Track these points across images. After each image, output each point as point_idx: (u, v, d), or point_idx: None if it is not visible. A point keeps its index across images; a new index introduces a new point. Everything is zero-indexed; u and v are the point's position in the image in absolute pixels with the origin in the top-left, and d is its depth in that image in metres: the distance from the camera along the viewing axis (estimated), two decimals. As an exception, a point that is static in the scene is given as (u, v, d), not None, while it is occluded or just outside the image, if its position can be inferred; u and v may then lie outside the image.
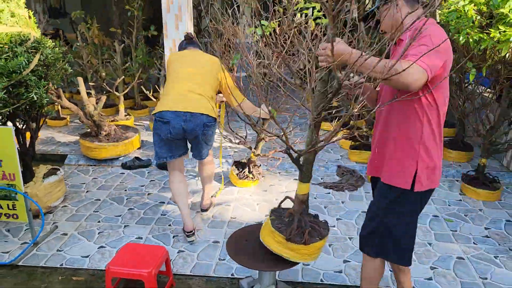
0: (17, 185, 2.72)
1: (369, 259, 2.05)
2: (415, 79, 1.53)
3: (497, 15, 2.85)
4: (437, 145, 1.81)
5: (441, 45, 1.55)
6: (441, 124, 1.79)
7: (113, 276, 2.25)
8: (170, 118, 2.69)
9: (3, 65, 2.64)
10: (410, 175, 1.82)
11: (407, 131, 1.80)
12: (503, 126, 3.60)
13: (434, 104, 1.74)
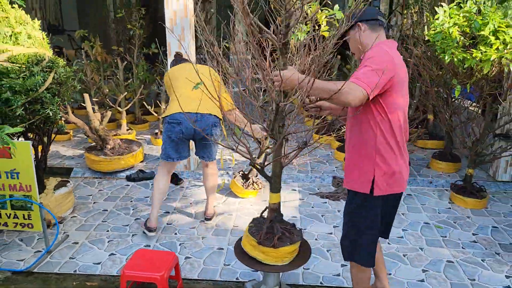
0: (33, 196, 2.88)
1: (352, 264, 2.25)
2: (353, 97, 1.74)
3: (479, 37, 3.09)
4: (395, 153, 2.00)
5: (383, 64, 1.79)
6: (397, 135, 1.98)
7: (127, 279, 2.40)
8: (182, 119, 2.94)
9: (21, 84, 2.82)
10: (368, 181, 2.02)
11: (364, 141, 2.02)
12: (488, 138, 3.83)
13: (386, 117, 1.95)
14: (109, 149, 4.35)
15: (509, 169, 4.19)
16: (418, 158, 4.94)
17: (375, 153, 1.99)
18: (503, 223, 3.53)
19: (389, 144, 1.98)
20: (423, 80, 4.15)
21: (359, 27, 2.04)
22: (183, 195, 4.00)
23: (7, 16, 2.97)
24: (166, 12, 3.93)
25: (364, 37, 2.04)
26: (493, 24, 2.97)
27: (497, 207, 3.82)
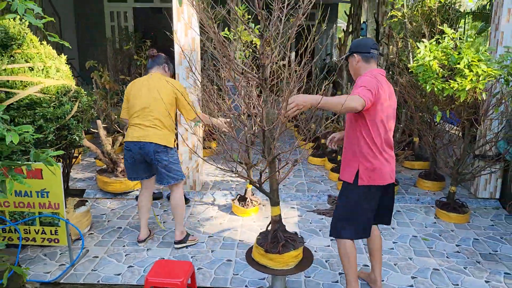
0: (60, 213, 3.18)
1: (338, 240, 2.74)
2: (357, 104, 2.32)
3: (456, 69, 3.53)
4: (375, 153, 2.57)
5: (370, 86, 2.42)
6: (376, 141, 2.55)
7: (151, 285, 2.70)
8: (131, 146, 3.33)
9: (52, 112, 3.16)
10: (353, 173, 2.62)
11: (353, 143, 2.62)
12: (468, 158, 4.23)
13: (367, 127, 2.53)
14: (119, 171, 4.66)
15: (488, 187, 4.58)
16: (406, 177, 5.32)
17: (359, 153, 2.59)
18: (483, 236, 3.89)
19: (369, 146, 2.56)
20: (408, 106, 4.58)
21: (354, 57, 2.66)
22: (191, 213, 4.31)
23: (38, 51, 3.34)
24: (175, 47, 4.33)
25: (358, 66, 2.66)
26: (467, 58, 3.41)
27: (478, 221, 4.19)
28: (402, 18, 4.65)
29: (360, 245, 3.66)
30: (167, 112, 3.30)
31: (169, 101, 3.34)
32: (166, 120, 3.33)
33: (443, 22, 4.42)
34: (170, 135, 3.37)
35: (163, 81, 3.37)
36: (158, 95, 3.29)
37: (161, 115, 3.31)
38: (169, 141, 3.35)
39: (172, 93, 3.35)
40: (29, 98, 3.11)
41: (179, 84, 3.49)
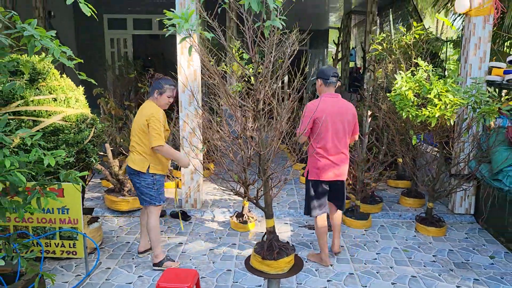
0: (79, 227, 3.57)
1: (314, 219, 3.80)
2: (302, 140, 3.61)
3: (427, 98, 4.02)
4: (320, 158, 3.59)
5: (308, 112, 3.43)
6: (321, 149, 3.58)
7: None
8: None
9: (73, 138, 3.59)
10: (306, 171, 3.72)
11: (309, 150, 3.65)
12: (445, 177, 4.68)
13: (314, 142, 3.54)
14: (126, 191, 5.05)
15: (463, 203, 5.02)
16: (390, 195, 5.76)
17: (310, 157, 3.65)
18: (457, 247, 4.31)
19: (317, 153, 3.59)
20: (390, 129, 5.06)
21: (318, 81, 3.65)
22: (193, 229, 4.70)
23: (60, 84, 3.78)
24: (179, 78, 4.79)
25: (320, 88, 3.67)
26: (436, 89, 3.90)
27: (454, 234, 4.62)
28: (382, 51, 5.17)
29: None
30: (138, 137, 3.54)
31: (139, 127, 3.50)
32: (138, 145, 3.54)
33: (418, 56, 4.94)
34: (142, 160, 3.54)
35: (146, 107, 3.54)
36: (137, 121, 3.54)
37: (135, 141, 3.56)
38: (141, 166, 3.53)
39: (144, 119, 3.48)
40: (53, 125, 3.53)
41: (152, 110, 3.50)
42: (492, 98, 4.20)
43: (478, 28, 4.60)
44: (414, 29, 4.90)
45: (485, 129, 4.53)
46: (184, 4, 4.64)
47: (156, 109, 3.51)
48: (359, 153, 4.70)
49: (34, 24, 2.62)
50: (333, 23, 15.12)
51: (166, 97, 3.59)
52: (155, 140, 3.43)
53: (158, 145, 3.44)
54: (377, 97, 5.60)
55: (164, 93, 3.56)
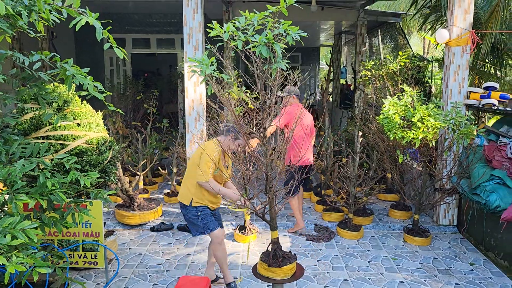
0: (100, 240, 3.94)
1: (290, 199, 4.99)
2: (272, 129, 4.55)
3: (412, 121, 4.49)
4: (297, 150, 4.80)
5: (288, 114, 4.68)
6: (294, 146, 4.79)
7: (178, 295, 3.46)
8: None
9: (95, 159, 3.98)
10: (288, 159, 4.80)
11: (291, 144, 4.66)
12: (429, 191, 5.13)
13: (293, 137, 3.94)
14: (136, 206, 5.43)
15: (447, 215, 5.48)
16: (380, 208, 6.21)
17: (291, 149, 4.85)
18: (441, 255, 4.75)
19: (293, 146, 4.79)
20: (379, 148, 5.52)
21: (294, 97, 4.96)
22: (199, 241, 5.08)
23: (81, 110, 4.19)
24: (186, 101, 5.23)
25: (294, 101, 4.98)
26: (419, 113, 4.38)
27: (438, 244, 5.06)
28: (371, 77, 5.66)
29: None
30: (190, 170, 3.72)
31: (194, 160, 3.67)
32: (188, 178, 3.74)
33: (404, 81, 5.44)
34: (187, 193, 3.72)
35: (207, 143, 3.73)
36: (194, 156, 3.73)
37: (187, 174, 3.78)
38: (185, 199, 3.73)
39: (198, 154, 3.66)
40: (78, 148, 3.93)
41: (210, 145, 3.66)
42: (470, 120, 4.68)
43: (457, 57, 5.11)
44: (400, 58, 5.40)
45: (465, 147, 5.00)
46: (191, 34, 5.10)
47: (212, 146, 3.64)
48: (351, 169, 5.14)
49: (70, 63, 3.05)
50: (324, 42, 15.73)
51: (237, 144, 3.68)
52: (201, 175, 3.56)
53: (203, 181, 3.57)
54: (367, 116, 6.07)
55: (237, 140, 3.68)
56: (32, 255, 2.58)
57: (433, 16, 8.67)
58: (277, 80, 2.88)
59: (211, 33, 2.89)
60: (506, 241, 4.36)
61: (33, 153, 3.05)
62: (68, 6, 2.80)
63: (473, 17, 5.96)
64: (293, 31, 2.80)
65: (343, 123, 10.55)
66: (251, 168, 3.48)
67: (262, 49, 2.69)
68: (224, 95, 3.04)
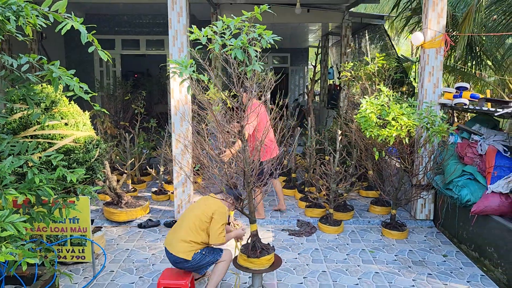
0: (87, 235, 4.10)
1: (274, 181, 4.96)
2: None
3: (387, 120, 4.70)
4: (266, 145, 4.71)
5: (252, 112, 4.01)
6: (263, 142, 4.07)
7: (162, 286, 3.62)
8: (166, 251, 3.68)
9: (82, 157, 4.14)
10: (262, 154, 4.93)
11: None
12: (406, 187, 5.35)
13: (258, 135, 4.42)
14: (123, 203, 5.59)
15: (424, 210, 5.70)
16: (361, 204, 6.42)
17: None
18: (416, 248, 4.97)
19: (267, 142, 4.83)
20: (359, 146, 5.73)
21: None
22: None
23: (69, 110, 4.34)
24: (172, 101, 5.40)
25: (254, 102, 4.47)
26: (393, 113, 4.59)
27: (414, 237, 5.29)
28: (350, 78, 5.88)
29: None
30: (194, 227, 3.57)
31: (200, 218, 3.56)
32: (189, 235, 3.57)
33: (381, 82, 5.66)
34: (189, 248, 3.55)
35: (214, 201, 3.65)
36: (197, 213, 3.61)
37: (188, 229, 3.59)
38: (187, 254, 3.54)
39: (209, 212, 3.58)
40: (65, 147, 4.08)
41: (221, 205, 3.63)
42: (443, 119, 4.90)
43: (432, 59, 5.34)
44: (377, 59, 5.62)
45: (439, 145, 5.23)
46: (176, 37, 5.27)
47: (225, 208, 3.63)
48: (332, 166, 5.34)
49: (57, 65, 3.21)
50: (313, 43, 15.96)
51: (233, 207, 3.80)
52: (219, 239, 3.52)
53: (220, 243, 3.54)
54: (349, 116, 6.29)
55: (235, 203, 3.74)
56: (21, 246, 2.74)
57: (415, 18, 8.93)
58: (253, 80, 3.07)
59: (190, 36, 3.08)
60: (477, 234, 4.59)
61: (22, 151, 3.20)
62: (54, 12, 2.96)
63: (451, 20, 6.20)
64: (267, 35, 2.99)
65: (329, 123, 10.78)
66: (233, 166, 3.67)
67: (238, 52, 2.87)
68: (204, 96, 3.23)
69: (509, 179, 4.31)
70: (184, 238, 3.53)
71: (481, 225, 4.50)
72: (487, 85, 8.68)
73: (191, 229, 3.54)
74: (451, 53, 6.74)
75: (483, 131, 5.10)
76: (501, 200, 4.27)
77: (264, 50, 3.05)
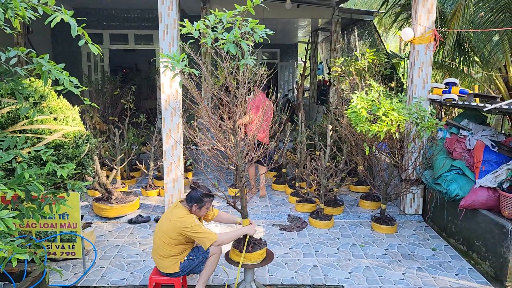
0: (77, 231, 4.06)
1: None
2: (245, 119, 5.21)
3: (377, 115, 4.73)
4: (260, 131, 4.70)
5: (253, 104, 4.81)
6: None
7: (154, 282, 3.61)
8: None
9: (72, 152, 4.09)
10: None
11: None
12: (396, 181, 5.39)
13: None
14: (113, 199, 5.54)
15: (413, 204, 5.77)
16: (351, 199, 6.47)
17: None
18: (406, 242, 5.03)
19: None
20: (349, 141, 5.76)
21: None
22: (176, 232, 5.23)
23: (58, 104, 4.29)
24: (162, 96, 5.36)
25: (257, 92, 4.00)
26: (384, 108, 4.62)
27: (404, 231, 5.34)
28: (341, 73, 5.90)
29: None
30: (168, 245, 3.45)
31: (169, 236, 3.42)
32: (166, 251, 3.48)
33: (371, 77, 5.69)
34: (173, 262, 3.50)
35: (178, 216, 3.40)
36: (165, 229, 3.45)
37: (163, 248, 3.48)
38: (172, 268, 3.50)
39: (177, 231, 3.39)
40: (55, 142, 4.03)
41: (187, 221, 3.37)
42: (431, 114, 4.95)
43: (421, 54, 5.38)
44: (368, 55, 5.65)
45: (428, 140, 5.28)
46: (166, 31, 5.23)
47: (190, 219, 3.37)
48: (322, 162, 5.36)
49: (46, 58, 3.16)
50: (302, 38, 15.97)
51: (205, 209, 3.53)
52: (209, 240, 3.33)
53: (214, 241, 3.36)
54: (339, 112, 6.31)
55: (204, 206, 3.49)
56: (11, 242, 2.70)
57: (404, 14, 8.98)
58: (245, 74, 3.06)
59: (182, 30, 3.05)
60: (465, 228, 4.66)
61: (11, 145, 3.15)
62: (44, 4, 2.91)
63: (440, 16, 6.24)
64: (260, 29, 2.98)
65: (319, 118, 10.81)
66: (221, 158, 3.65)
67: (230, 46, 2.86)
68: (195, 91, 3.21)
69: (496, 173, 4.38)
70: (164, 254, 3.46)
71: (469, 219, 4.56)
72: (474, 81, 8.79)
73: (166, 244, 3.43)
74: (439, 49, 6.79)
75: (472, 126, 5.16)
76: (489, 194, 4.34)
77: (255, 45, 3.04)
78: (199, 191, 3.48)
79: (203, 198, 3.47)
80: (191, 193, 3.50)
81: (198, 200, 3.46)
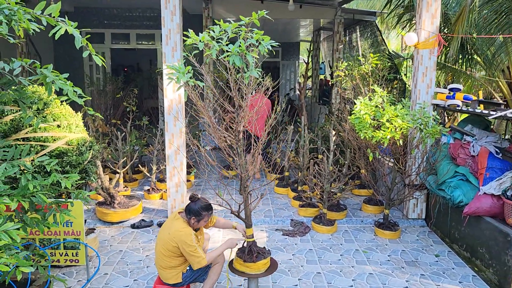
0: (81, 238, 4.06)
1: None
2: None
3: (381, 122, 4.72)
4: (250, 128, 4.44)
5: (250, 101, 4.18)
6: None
7: (158, 291, 3.61)
8: None
9: (75, 159, 4.08)
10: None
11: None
12: (399, 186, 5.39)
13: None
14: (116, 203, 5.54)
15: (416, 209, 5.76)
16: (354, 203, 6.46)
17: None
18: (409, 248, 5.02)
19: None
20: (352, 145, 5.75)
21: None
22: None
23: (61, 111, 4.27)
24: (165, 101, 5.34)
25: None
26: (388, 114, 4.60)
27: (407, 237, 5.34)
28: (344, 77, 5.88)
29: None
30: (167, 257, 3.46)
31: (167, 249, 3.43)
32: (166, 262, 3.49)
33: (375, 82, 5.67)
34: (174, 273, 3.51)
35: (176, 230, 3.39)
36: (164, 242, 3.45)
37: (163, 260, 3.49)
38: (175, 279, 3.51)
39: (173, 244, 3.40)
40: (58, 149, 4.02)
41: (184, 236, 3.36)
42: (435, 120, 4.93)
43: (425, 59, 5.36)
44: (371, 59, 5.62)
45: (432, 145, 5.27)
46: (170, 36, 5.21)
47: (187, 233, 3.36)
48: (325, 166, 5.35)
49: (50, 69, 3.15)
50: (304, 37, 15.92)
51: (203, 221, 3.52)
52: (198, 263, 3.36)
53: (202, 265, 3.39)
54: (342, 115, 6.30)
55: (202, 219, 3.48)
56: (15, 255, 2.70)
57: (407, 15, 8.95)
58: (250, 86, 3.05)
59: (187, 41, 3.03)
60: (468, 234, 4.65)
61: (15, 156, 3.15)
62: (48, 15, 2.90)
63: (444, 19, 6.20)
64: (265, 40, 2.96)
65: (321, 119, 10.79)
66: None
67: (236, 59, 2.84)
68: (200, 101, 3.19)
69: (501, 180, 4.37)
70: (164, 266, 3.47)
71: (473, 226, 4.56)
72: (477, 82, 8.76)
73: (166, 256, 3.43)
74: (443, 52, 6.76)
75: (476, 132, 5.14)
76: (493, 201, 4.33)
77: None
78: (197, 204, 3.46)
79: (201, 212, 3.45)
80: (190, 206, 3.47)
81: (197, 214, 3.45)
